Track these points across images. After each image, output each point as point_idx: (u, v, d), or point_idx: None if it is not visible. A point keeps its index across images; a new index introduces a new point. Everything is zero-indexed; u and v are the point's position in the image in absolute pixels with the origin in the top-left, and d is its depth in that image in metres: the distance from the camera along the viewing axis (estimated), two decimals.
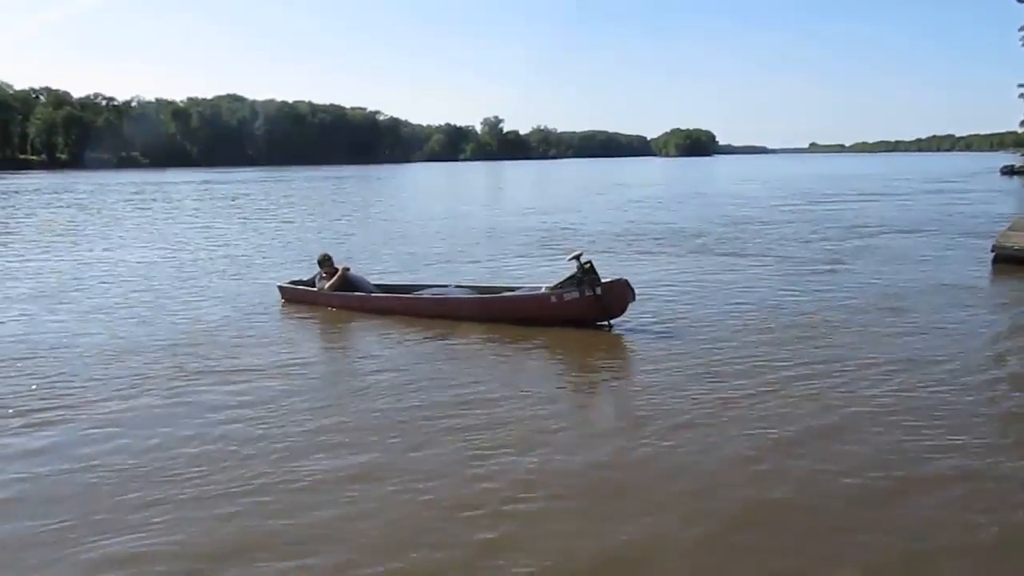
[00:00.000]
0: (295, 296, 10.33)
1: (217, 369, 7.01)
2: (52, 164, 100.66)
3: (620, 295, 8.29)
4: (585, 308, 8.29)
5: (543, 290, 8.74)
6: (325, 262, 10.19)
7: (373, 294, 9.85)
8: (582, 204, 30.76)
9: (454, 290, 9.74)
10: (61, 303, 10.36)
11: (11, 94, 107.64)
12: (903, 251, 14.69)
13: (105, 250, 16.44)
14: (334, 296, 9.89)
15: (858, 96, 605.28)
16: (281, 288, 10.56)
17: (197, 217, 26.19)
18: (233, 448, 5.10)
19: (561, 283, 8.45)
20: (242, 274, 12.89)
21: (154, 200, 36.04)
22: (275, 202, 34.18)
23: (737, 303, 9.71)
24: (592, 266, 8.29)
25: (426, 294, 9.65)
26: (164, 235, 19.67)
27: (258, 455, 4.97)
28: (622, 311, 8.39)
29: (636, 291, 8.48)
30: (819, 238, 17.00)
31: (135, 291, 11.24)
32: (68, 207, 31.20)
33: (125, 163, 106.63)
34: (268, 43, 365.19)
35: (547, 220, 22.71)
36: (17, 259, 15.04)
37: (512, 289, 9.49)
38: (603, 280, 8.29)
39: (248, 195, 39.57)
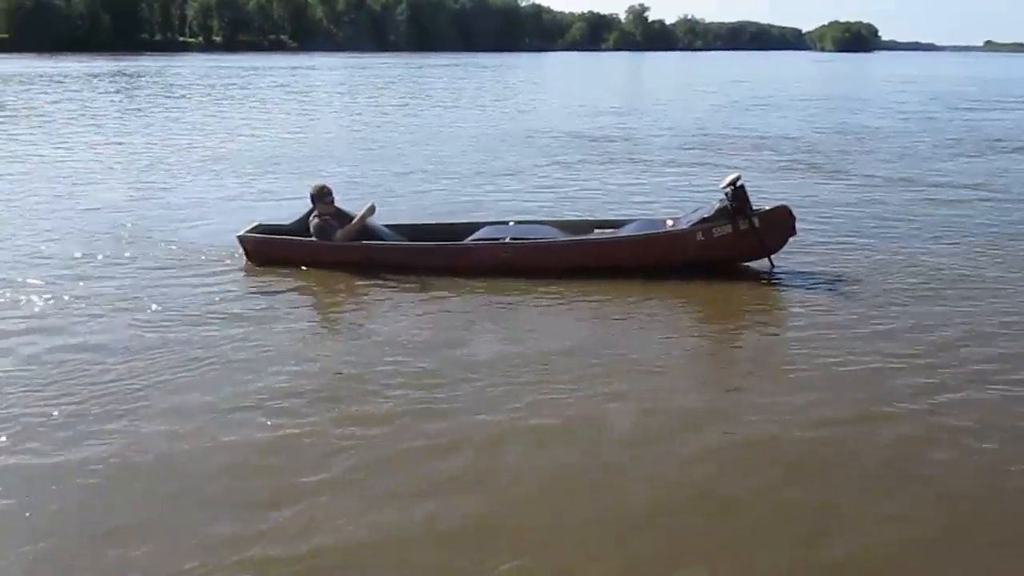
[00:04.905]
0: (274, 252, 7.02)
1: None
2: (208, 47, 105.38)
3: (781, 226, 6.65)
4: (739, 246, 6.61)
5: (670, 224, 6.95)
6: (322, 196, 7.00)
7: (433, 243, 7.01)
8: (685, 102, 28.36)
9: (523, 228, 7.20)
10: None
11: None
12: None
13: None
14: (354, 249, 6.83)
15: None
16: (243, 239, 7.04)
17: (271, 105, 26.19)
18: None
19: (706, 217, 6.67)
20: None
21: (232, 85, 36.71)
22: (369, 90, 33.83)
23: (874, 239, 8.05)
24: (745, 192, 6.59)
25: (482, 237, 7.05)
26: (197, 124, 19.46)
27: None
28: (781, 246, 6.75)
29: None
30: (972, 157, 14.18)
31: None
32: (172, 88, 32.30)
33: (275, 46, 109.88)
34: None
35: (622, 121, 20.99)
36: None
37: (608, 224, 7.33)
38: (758, 209, 6.64)
39: (344, 83, 39.50)
